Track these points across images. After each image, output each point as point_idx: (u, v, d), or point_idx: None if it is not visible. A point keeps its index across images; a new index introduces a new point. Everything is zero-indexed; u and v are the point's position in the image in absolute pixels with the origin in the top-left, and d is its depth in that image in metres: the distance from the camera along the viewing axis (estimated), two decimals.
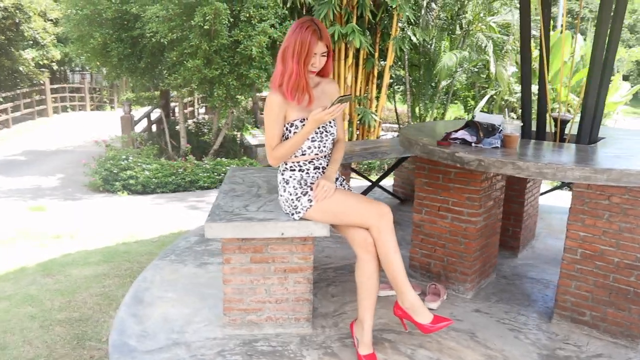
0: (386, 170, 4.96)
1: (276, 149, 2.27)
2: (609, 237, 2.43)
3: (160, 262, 3.34)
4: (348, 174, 4.24)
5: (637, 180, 2.15)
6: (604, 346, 2.46)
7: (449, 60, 8.98)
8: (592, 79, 2.80)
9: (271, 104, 2.23)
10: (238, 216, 2.36)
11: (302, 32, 2.15)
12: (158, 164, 7.64)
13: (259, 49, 7.47)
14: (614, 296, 2.46)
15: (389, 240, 2.16)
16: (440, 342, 2.44)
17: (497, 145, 2.64)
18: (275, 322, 2.49)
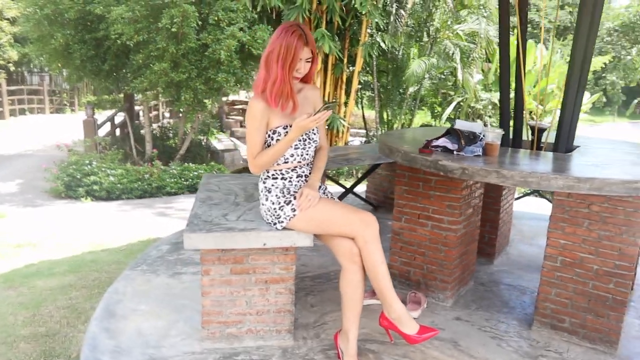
0: (360, 177, 4.94)
1: (258, 157, 2.20)
2: (589, 244, 2.46)
3: (131, 272, 3.21)
4: (323, 180, 4.19)
5: (618, 189, 2.18)
6: (583, 352, 2.49)
7: (417, 67, 9.08)
8: (569, 89, 2.85)
9: (253, 111, 2.16)
10: (218, 226, 2.27)
11: (287, 37, 2.10)
12: (123, 169, 7.41)
13: (227, 52, 7.36)
14: (593, 303, 2.49)
15: (375, 251, 2.12)
16: (424, 352, 2.41)
17: (479, 153, 2.64)
18: (255, 334, 2.41)
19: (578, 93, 2.88)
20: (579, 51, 2.81)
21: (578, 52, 2.81)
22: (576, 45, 2.82)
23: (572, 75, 2.84)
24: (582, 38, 2.78)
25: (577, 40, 2.81)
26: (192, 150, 9.88)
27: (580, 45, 2.80)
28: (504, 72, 3.12)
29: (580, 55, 2.81)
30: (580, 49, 2.80)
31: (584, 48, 2.80)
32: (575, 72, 2.82)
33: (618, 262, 2.40)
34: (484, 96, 10.14)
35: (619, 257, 2.40)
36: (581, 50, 2.80)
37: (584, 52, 2.81)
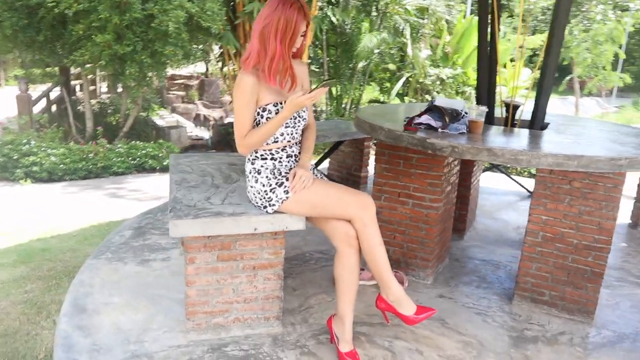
0: (323, 154, 4.86)
1: (248, 136, 2.06)
2: (570, 220, 2.52)
3: (96, 261, 2.99)
4: None
5: (604, 166, 2.22)
6: (563, 323, 2.57)
7: (369, 42, 9.03)
8: (547, 69, 2.88)
9: (243, 86, 2.01)
10: (204, 211, 2.12)
11: (286, 10, 1.95)
12: (65, 149, 6.92)
13: (175, 24, 6.97)
14: (572, 276, 2.57)
15: (373, 233, 2.06)
16: (415, 332, 2.40)
17: (464, 130, 2.62)
18: (243, 322, 2.31)
19: (553, 73, 2.92)
20: (558, 34, 2.83)
21: (556, 34, 2.84)
22: (554, 28, 2.84)
23: (550, 56, 2.86)
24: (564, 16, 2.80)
25: (555, 24, 2.83)
26: (136, 127, 9.40)
27: (558, 27, 2.82)
28: (482, 50, 3.10)
29: (558, 36, 2.83)
30: (558, 32, 2.83)
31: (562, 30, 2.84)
32: (552, 53, 2.85)
33: (597, 236, 2.48)
34: (432, 72, 10.25)
35: (598, 231, 2.47)
36: (559, 33, 2.83)
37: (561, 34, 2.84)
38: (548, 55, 2.88)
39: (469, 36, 10.59)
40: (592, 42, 15.42)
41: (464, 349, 2.30)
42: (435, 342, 2.34)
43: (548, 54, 2.88)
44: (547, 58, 2.90)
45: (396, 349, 2.26)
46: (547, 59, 2.90)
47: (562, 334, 2.48)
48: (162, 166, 7.08)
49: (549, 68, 2.88)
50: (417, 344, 2.32)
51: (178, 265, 2.98)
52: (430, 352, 2.26)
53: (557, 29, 2.84)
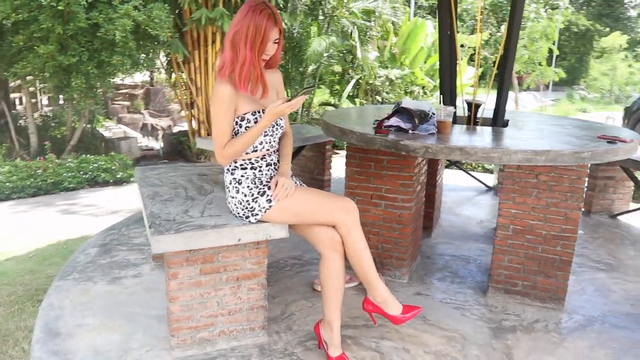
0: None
1: (228, 146, 2.03)
2: (538, 212, 2.64)
3: (63, 282, 2.85)
4: None
5: (569, 159, 2.33)
6: (536, 311, 2.68)
7: (318, 45, 9.08)
8: (505, 68, 3.00)
9: (221, 96, 1.98)
10: (185, 225, 2.07)
11: (255, 16, 1.94)
12: (11, 166, 6.54)
13: (122, 33, 6.76)
14: (542, 265, 2.68)
15: (358, 237, 2.07)
16: (399, 331, 2.44)
17: (433, 131, 2.69)
18: (229, 335, 2.27)
19: (511, 72, 3.05)
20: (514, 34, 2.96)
21: (513, 34, 2.96)
22: (511, 29, 2.96)
23: (508, 55, 2.99)
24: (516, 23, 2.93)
25: (512, 25, 2.95)
26: (84, 140, 9.02)
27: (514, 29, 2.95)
28: (444, 51, 3.19)
29: (514, 37, 2.96)
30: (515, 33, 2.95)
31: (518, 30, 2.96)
32: (510, 52, 2.97)
33: (564, 226, 2.60)
34: (382, 73, 10.44)
35: (564, 221, 2.60)
36: (515, 33, 2.95)
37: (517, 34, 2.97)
38: (506, 56, 3.00)
39: (414, 37, 10.85)
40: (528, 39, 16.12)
41: (448, 344, 2.36)
42: (420, 339, 2.39)
43: (506, 54, 3.00)
44: (505, 58, 3.02)
45: (383, 349, 2.29)
46: (505, 59, 3.02)
47: (537, 321, 2.58)
48: (116, 179, 6.84)
49: (507, 68, 3.00)
50: (403, 342, 2.35)
51: (151, 281, 2.89)
52: (416, 350, 2.30)
53: (513, 30, 2.97)
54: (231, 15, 7.85)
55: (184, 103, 8.76)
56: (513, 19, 2.95)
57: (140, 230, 3.71)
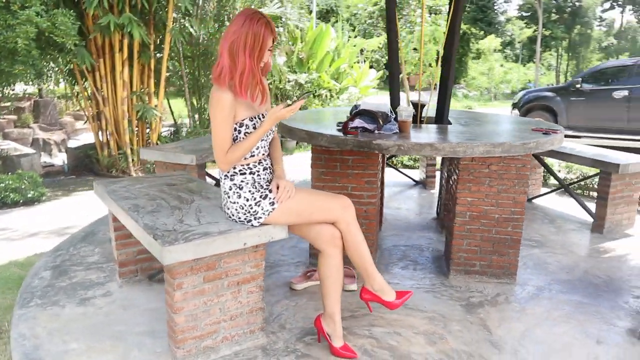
0: None
1: (230, 152, 2.07)
2: (490, 198, 2.96)
3: (25, 310, 2.65)
4: (203, 174, 4.00)
5: (520, 149, 2.67)
6: (494, 287, 3.01)
7: None
8: (449, 70, 3.32)
9: (222, 103, 2.02)
10: (189, 233, 2.07)
11: (253, 25, 2.01)
12: None
13: (25, 40, 6.26)
14: (496, 245, 3.01)
15: (357, 231, 2.21)
16: (384, 317, 2.62)
17: (396, 130, 2.91)
18: (231, 340, 2.29)
19: (453, 74, 3.38)
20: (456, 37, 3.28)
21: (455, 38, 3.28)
22: (452, 32, 3.28)
23: (449, 58, 3.30)
24: (457, 25, 3.25)
25: (453, 28, 3.27)
26: None
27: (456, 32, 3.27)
28: (393, 56, 3.43)
29: (456, 40, 3.28)
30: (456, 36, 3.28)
31: (458, 33, 3.29)
32: (452, 54, 3.29)
33: (513, 209, 2.95)
34: (291, 77, 10.65)
35: (513, 205, 2.95)
36: (456, 36, 3.28)
37: (458, 36, 3.30)
38: (448, 58, 3.32)
39: (320, 42, 11.21)
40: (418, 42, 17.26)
41: (432, 323, 2.58)
42: (406, 322, 2.59)
43: (448, 56, 3.31)
44: (447, 60, 3.33)
45: (377, 335, 2.45)
46: (447, 62, 3.34)
47: (498, 295, 2.91)
48: (26, 199, 6.28)
49: (450, 70, 3.32)
50: (392, 327, 2.54)
51: (123, 298, 2.80)
52: (406, 332, 2.49)
53: (455, 33, 3.29)
54: (139, 21, 7.59)
55: (89, 115, 8.28)
56: (454, 21, 3.26)
57: (90, 248, 3.53)
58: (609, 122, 8.44)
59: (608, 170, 3.84)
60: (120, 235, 2.92)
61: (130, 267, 2.99)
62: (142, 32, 7.50)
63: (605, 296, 2.94)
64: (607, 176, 3.87)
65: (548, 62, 31.41)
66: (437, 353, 2.32)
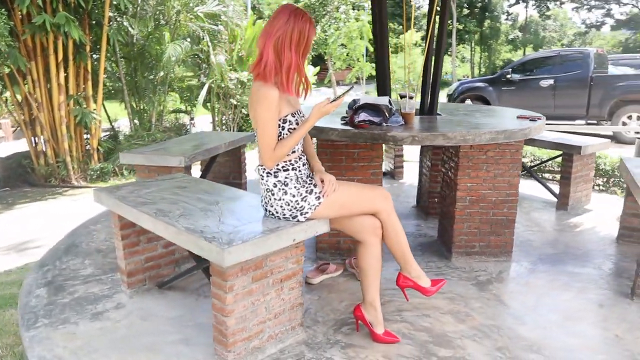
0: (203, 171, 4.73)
1: (278, 149, 2.07)
2: (488, 182, 3.15)
3: (35, 332, 2.47)
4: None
5: (519, 135, 2.87)
6: (495, 265, 3.21)
7: (173, 51, 8.78)
8: (438, 64, 3.47)
9: (270, 100, 2.01)
10: (240, 233, 2.05)
11: (298, 22, 2.02)
12: None
13: None
14: (494, 226, 3.21)
15: (396, 219, 2.29)
16: (409, 302, 2.71)
17: (402, 122, 3.02)
18: (275, 339, 2.29)
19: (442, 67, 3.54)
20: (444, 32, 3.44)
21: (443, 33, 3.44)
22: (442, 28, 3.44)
23: (439, 52, 3.46)
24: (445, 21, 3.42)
25: (442, 24, 3.43)
26: None
27: (444, 27, 3.43)
28: (381, 49, 3.53)
29: (444, 35, 3.44)
30: (444, 31, 3.44)
31: (446, 28, 3.45)
32: (441, 49, 3.45)
33: (508, 192, 3.16)
34: (233, 76, 10.50)
35: (508, 187, 3.16)
36: (444, 31, 3.44)
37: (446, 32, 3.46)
38: (438, 52, 3.47)
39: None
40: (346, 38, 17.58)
41: (454, 303, 2.72)
42: (430, 304, 2.71)
43: (438, 51, 3.47)
44: (436, 55, 3.49)
45: (409, 319, 2.55)
46: (436, 56, 3.49)
47: (501, 272, 3.11)
48: None
49: (439, 64, 3.48)
50: (419, 310, 2.65)
51: (140, 308, 2.69)
52: (434, 313, 2.61)
53: (443, 28, 3.45)
54: (75, 20, 7.17)
55: (21, 122, 7.70)
56: (443, 18, 3.42)
57: (79, 261, 3.33)
58: (537, 109, 9.10)
59: (570, 152, 4.20)
60: (128, 244, 2.79)
61: (138, 277, 2.86)
62: (80, 33, 7.09)
63: (590, 265, 3.23)
64: (570, 157, 4.23)
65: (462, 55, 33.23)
66: (469, 329, 2.46)
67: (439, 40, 3.46)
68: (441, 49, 3.46)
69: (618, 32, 34.76)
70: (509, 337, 2.40)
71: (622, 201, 4.58)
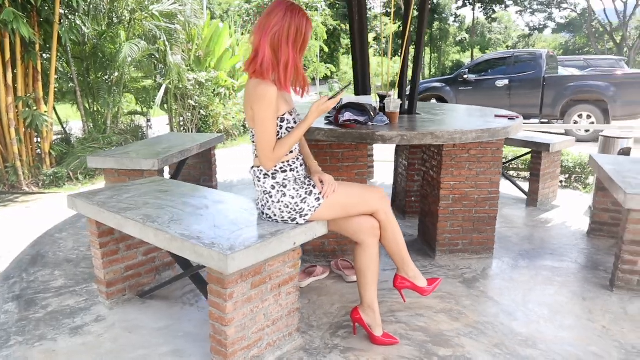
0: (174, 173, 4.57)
1: (277, 149, 2.01)
2: (470, 180, 3.19)
3: (9, 352, 2.28)
4: None
5: (502, 134, 2.92)
6: (477, 262, 3.25)
7: (130, 51, 8.47)
8: (417, 65, 3.49)
9: (270, 98, 1.94)
10: (241, 238, 1.96)
11: (295, 17, 1.96)
12: None
13: None
14: (476, 224, 3.25)
15: (394, 220, 2.27)
16: (401, 302, 2.70)
17: (388, 121, 3.00)
18: (273, 346, 2.21)
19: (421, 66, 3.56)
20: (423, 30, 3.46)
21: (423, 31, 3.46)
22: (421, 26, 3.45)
23: (419, 51, 3.48)
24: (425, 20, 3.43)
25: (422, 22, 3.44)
26: None
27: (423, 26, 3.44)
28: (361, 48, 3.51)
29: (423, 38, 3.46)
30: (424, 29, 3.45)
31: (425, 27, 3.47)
32: (421, 47, 3.46)
33: (490, 189, 3.21)
34: (191, 77, 10.25)
35: (490, 185, 3.20)
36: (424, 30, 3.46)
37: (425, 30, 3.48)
38: (417, 52, 3.49)
39: (217, 40, 10.92)
40: None
41: (445, 301, 2.73)
42: (422, 304, 2.70)
43: (417, 50, 3.48)
44: (416, 54, 3.50)
45: (404, 319, 2.53)
46: (416, 56, 3.50)
47: (485, 269, 3.15)
48: None
49: (418, 64, 3.49)
50: (412, 310, 2.63)
51: (122, 320, 2.54)
52: (427, 312, 2.61)
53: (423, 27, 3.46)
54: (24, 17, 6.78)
55: None
56: (422, 16, 3.42)
57: (47, 272, 3.12)
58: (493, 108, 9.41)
59: (539, 150, 4.33)
60: (106, 252, 2.63)
61: (118, 286, 2.71)
62: (29, 30, 6.71)
63: (567, 259, 3.33)
64: (539, 155, 4.35)
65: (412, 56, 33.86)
66: (464, 327, 2.47)
67: (418, 39, 3.48)
68: (420, 47, 3.47)
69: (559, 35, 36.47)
70: (503, 333, 2.42)
71: (585, 197, 4.77)
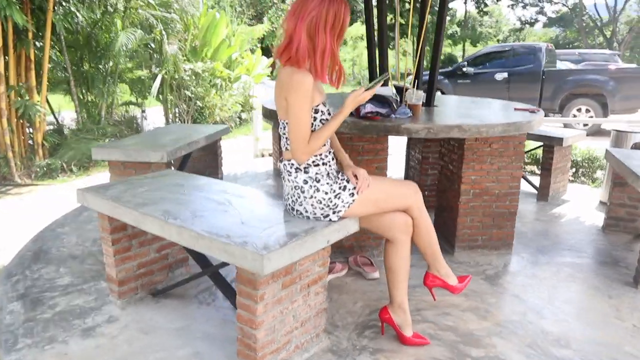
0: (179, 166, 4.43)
1: (312, 141, 1.90)
2: (492, 175, 3.10)
3: (18, 355, 2.15)
4: None
5: (526, 127, 2.84)
6: (497, 258, 3.18)
7: (126, 40, 8.26)
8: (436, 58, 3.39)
9: (307, 87, 1.83)
10: (278, 237, 1.85)
11: (333, 3, 1.85)
12: None
13: None
14: (496, 219, 3.18)
15: (427, 216, 2.18)
16: (426, 300, 2.62)
17: (410, 114, 2.90)
18: (301, 349, 2.12)
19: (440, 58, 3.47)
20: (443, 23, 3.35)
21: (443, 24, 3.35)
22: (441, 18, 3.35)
23: (439, 43, 3.37)
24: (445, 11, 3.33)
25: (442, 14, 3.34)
26: None
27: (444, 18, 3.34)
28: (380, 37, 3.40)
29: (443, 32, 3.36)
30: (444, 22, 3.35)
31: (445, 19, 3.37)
32: (440, 40, 3.36)
33: (511, 184, 3.13)
34: (187, 67, 10.06)
35: (511, 180, 3.12)
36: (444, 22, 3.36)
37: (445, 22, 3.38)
38: (437, 44, 3.39)
39: (214, 30, 10.72)
40: None
41: (470, 299, 2.65)
42: (447, 302, 2.62)
43: (436, 42, 3.38)
44: (435, 46, 3.40)
45: (431, 318, 2.45)
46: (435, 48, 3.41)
47: (505, 265, 3.08)
48: None
49: (437, 56, 3.40)
50: (439, 308, 2.55)
51: (136, 321, 2.43)
52: (454, 310, 2.53)
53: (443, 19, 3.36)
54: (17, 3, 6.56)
55: None
56: (443, 8, 3.32)
57: (52, 269, 2.98)
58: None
59: (551, 144, 4.26)
60: (119, 249, 2.51)
61: (130, 285, 2.59)
62: (23, 16, 6.49)
63: (585, 255, 3.27)
64: (551, 149, 4.29)
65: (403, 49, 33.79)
66: (494, 326, 2.39)
67: (437, 31, 3.37)
68: (440, 38, 3.37)
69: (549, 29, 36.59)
70: (534, 332, 2.35)
71: (594, 191, 4.73)
